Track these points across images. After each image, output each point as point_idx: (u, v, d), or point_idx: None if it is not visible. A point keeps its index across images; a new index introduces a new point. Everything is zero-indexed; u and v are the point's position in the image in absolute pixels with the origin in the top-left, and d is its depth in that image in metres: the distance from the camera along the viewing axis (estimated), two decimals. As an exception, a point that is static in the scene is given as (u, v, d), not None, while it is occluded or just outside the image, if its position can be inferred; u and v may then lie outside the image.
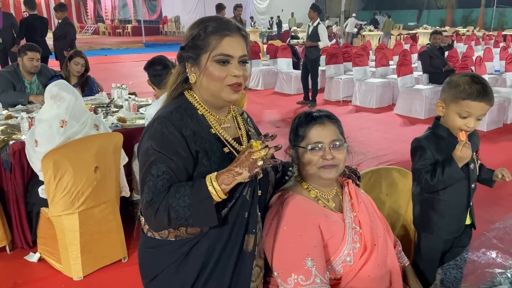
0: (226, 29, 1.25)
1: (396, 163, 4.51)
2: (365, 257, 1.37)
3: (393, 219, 1.95)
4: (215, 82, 1.25)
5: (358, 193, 1.49)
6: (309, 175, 1.39)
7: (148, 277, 1.35)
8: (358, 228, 1.40)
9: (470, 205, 1.78)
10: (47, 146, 2.34)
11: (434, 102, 6.77)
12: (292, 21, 22.59)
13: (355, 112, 7.19)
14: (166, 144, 1.18)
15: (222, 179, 1.14)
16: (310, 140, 1.36)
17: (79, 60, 4.00)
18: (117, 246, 2.70)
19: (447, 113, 1.67)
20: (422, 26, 21.00)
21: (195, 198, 1.13)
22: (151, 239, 1.32)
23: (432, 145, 1.70)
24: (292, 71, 8.86)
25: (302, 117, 1.42)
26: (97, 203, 2.54)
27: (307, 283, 1.24)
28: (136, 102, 3.69)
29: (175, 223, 1.15)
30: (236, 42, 1.26)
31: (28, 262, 2.70)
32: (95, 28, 27.38)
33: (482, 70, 6.66)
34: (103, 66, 11.86)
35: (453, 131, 1.68)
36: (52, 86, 2.46)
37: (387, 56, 8.41)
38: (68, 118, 2.40)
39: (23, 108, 3.57)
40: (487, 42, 13.44)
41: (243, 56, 1.26)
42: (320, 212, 1.36)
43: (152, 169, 1.17)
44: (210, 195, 1.14)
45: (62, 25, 7.15)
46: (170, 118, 1.22)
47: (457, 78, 1.66)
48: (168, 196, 1.15)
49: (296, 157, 1.41)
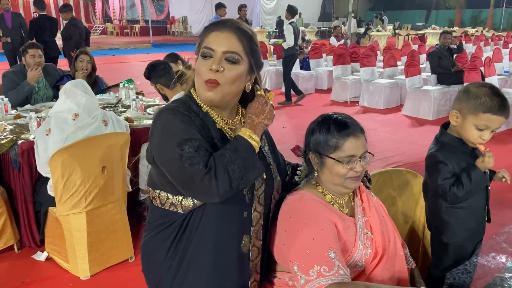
0: (218, 24, 1.24)
1: (404, 165, 4.48)
2: (375, 262, 1.36)
3: (401, 221, 1.94)
4: (198, 77, 1.23)
5: (369, 197, 1.48)
6: (332, 183, 1.37)
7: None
8: (370, 234, 1.39)
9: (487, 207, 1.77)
10: (59, 135, 2.40)
11: (442, 103, 6.73)
12: (300, 21, 22.53)
13: (363, 113, 7.16)
14: (185, 128, 1.15)
15: (258, 132, 1.21)
16: (344, 153, 1.31)
17: (84, 57, 4.00)
18: (124, 245, 2.71)
19: (463, 124, 1.62)
20: (430, 27, 20.89)
21: (242, 154, 1.15)
22: (158, 211, 1.31)
23: (450, 157, 1.66)
24: (299, 72, 8.84)
25: (332, 124, 1.34)
26: (104, 202, 2.55)
27: (330, 273, 1.21)
28: (144, 102, 3.69)
29: (236, 183, 1.12)
30: (224, 38, 1.21)
31: (35, 261, 2.72)
32: (103, 28, 27.53)
33: (491, 71, 6.60)
34: (111, 66, 11.92)
35: (467, 141, 1.65)
36: (67, 84, 2.58)
37: (395, 57, 8.36)
38: (81, 112, 2.47)
39: (32, 108, 3.59)
40: (496, 43, 13.30)
41: (228, 52, 1.20)
42: (337, 214, 1.35)
43: (184, 149, 1.11)
44: (254, 148, 1.18)
45: (67, 26, 7.21)
46: (177, 109, 1.20)
47: (475, 88, 1.59)
48: (218, 159, 1.12)
49: (320, 164, 1.37)
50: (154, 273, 1.36)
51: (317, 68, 9.27)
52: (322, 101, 8.09)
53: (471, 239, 1.75)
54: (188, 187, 1.16)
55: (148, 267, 1.39)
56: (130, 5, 28.86)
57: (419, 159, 4.82)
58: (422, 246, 1.96)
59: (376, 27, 19.21)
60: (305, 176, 1.52)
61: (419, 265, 1.72)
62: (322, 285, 1.19)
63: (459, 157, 1.66)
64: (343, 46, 10.25)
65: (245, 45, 1.23)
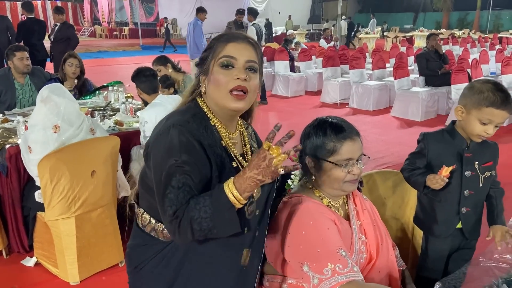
0: (233, 36, 1.23)
1: (393, 166, 4.52)
2: (369, 266, 1.38)
3: (390, 222, 1.96)
4: (219, 88, 1.20)
5: (362, 201, 1.49)
6: (330, 187, 1.37)
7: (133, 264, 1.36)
8: (364, 238, 1.41)
9: (463, 211, 1.76)
10: (42, 152, 2.31)
11: (430, 104, 6.81)
12: (289, 24, 22.61)
13: (352, 115, 7.20)
14: (185, 153, 1.13)
15: (244, 188, 1.08)
16: (342, 156, 1.31)
17: (72, 60, 3.97)
18: (114, 250, 2.69)
19: (467, 118, 1.66)
20: (418, 29, 21.09)
21: (215, 208, 1.09)
22: (145, 235, 1.32)
23: (433, 143, 1.75)
24: (289, 74, 8.87)
25: (328, 128, 1.34)
26: (94, 207, 2.53)
27: (345, 271, 1.21)
28: (133, 105, 3.68)
29: (199, 234, 1.11)
30: (242, 47, 1.22)
31: (24, 267, 2.69)
32: (92, 30, 27.33)
33: (478, 73, 6.69)
34: (100, 68, 11.83)
35: (472, 136, 1.69)
36: (44, 89, 2.43)
37: (383, 59, 8.44)
38: (61, 123, 2.36)
39: (19, 112, 3.55)
40: (483, 45, 13.48)
41: (250, 61, 1.21)
42: (336, 217, 1.36)
43: (172, 181, 1.12)
44: (231, 204, 1.09)
45: (64, 28, 7.14)
46: (187, 126, 1.17)
47: (480, 84, 1.64)
48: (188, 209, 1.10)
49: (318, 169, 1.36)
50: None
51: (307, 70, 9.31)
52: (312, 103, 8.12)
53: (439, 234, 1.79)
54: (161, 215, 1.17)
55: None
56: (119, 8, 28.71)
57: (408, 160, 4.86)
58: (411, 247, 1.98)
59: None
60: (299, 180, 1.52)
61: (409, 266, 1.74)
62: (340, 282, 1.19)
63: (441, 150, 1.74)
64: (333, 48, 10.30)
65: (258, 56, 1.26)
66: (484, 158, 1.73)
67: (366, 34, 18.94)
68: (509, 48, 12.10)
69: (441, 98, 7.03)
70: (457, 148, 1.72)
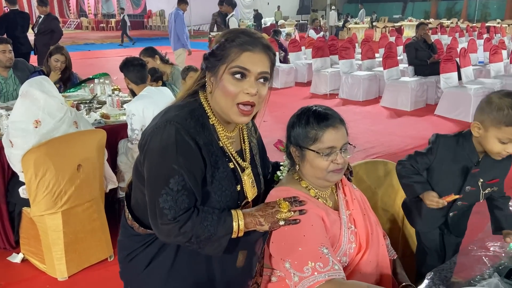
0: (250, 44, 1.16)
1: (383, 156, 4.53)
2: (359, 256, 1.36)
3: (380, 212, 1.95)
4: (226, 97, 1.16)
5: (352, 190, 1.47)
6: (314, 177, 1.35)
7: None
8: (353, 228, 1.39)
9: (451, 215, 1.75)
10: (23, 147, 2.26)
11: (419, 94, 6.84)
12: (278, 15, 22.50)
13: (342, 105, 7.20)
14: (182, 154, 1.12)
15: (246, 222, 1.18)
16: (324, 145, 1.29)
17: (59, 57, 3.89)
18: (103, 245, 2.66)
19: (485, 136, 1.54)
20: (407, 19, 21.11)
21: (218, 231, 1.15)
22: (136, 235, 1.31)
23: (443, 148, 1.64)
24: (279, 65, 8.82)
25: (311, 116, 1.32)
26: (80, 201, 2.49)
27: (325, 269, 1.20)
28: (120, 97, 3.62)
29: (189, 244, 1.16)
30: (258, 59, 1.16)
31: (11, 263, 2.64)
32: (78, 22, 26.91)
33: (467, 62, 6.72)
34: (87, 61, 11.68)
35: (491, 154, 1.57)
36: (25, 84, 2.38)
37: (373, 49, 8.44)
38: (42, 116, 2.30)
39: (3, 105, 3.47)
40: (471, 34, 13.53)
41: (263, 73, 1.17)
42: (323, 209, 1.34)
43: (169, 182, 1.11)
44: (231, 232, 1.17)
45: (48, 20, 7.00)
46: (184, 124, 1.15)
47: (498, 99, 1.50)
48: (195, 221, 1.13)
49: (301, 158, 1.34)
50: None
51: (297, 61, 9.26)
52: (302, 95, 8.10)
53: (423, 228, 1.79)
54: (150, 212, 1.17)
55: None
56: (106, -1, 28.31)
57: (398, 149, 4.88)
58: (402, 236, 1.98)
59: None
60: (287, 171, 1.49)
61: (400, 255, 1.73)
62: (319, 281, 1.18)
63: (449, 159, 1.64)
64: (322, 39, 10.27)
65: (272, 64, 1.21)
66: (492, 175, 1.66)
67: (356, 24, 18.90)
68: (496, 37, 12.15)
69: (430, 88, 7.05)
70: (466, 161, 1.62)
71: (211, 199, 1.19)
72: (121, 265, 1.39)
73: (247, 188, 1.29)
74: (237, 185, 1.25)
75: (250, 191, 1.30)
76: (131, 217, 1.31)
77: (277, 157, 1.58)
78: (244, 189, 1.28)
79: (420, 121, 6.18)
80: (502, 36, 12.82)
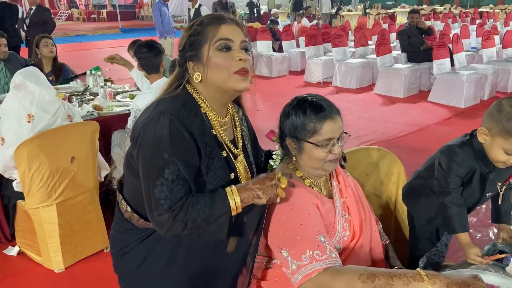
0: (220, 18, 1.21)
1: (376, 143, 4.55)
2: (353, 243, 1.38)
3: (373, 198, 1.96)
4: (221, 71, 1.18)
5: (345, 178, 1.48)
6: (311, 167, 1.35)
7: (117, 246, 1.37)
8: (347, 215, 1.40)
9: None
10: (16, 144, 2.22)
11: (412, 80, 6.85)
12: (271, 3, 22.31)
13: (336, 93, 7.20)
14: (176, 144, 1.12)
15: (243, 197, 1.16)
16: (323, 137, 1.28)
17: (46, 40, 3.85)
18: (98, 236, 2.67)
19: (491, 144, 1.49)
20: (400, 5, 21.02)
21: (214, 211, 1.13)
22: (130, 226, 1.32)
23: (466, 159, 1.56)
24: (272, 54, 8.79)
25: (308, 108, 1.30)
26: (75, 193, 2.49)
27: (323, 258, 1.20)
28: (112, 89, 3.60)
29: (188, 232, 1.14)
30: (234, 29, 1.21)
31: (7, 256, 2.65)
32: (69, 14, 26.53)
33: (459, 48, 6.72)
34: (79, 53, 11.55)
35: (494, 162, 1.53)
36: (17, 74, 2.32)
37: (366, 36, 8.42)
38: (35, 111, 2.26)
39: (-6, 99, 3.45)
40: (463, 20, 13.51)
41: (243, 41, 1.21)
42: (318, 198, 1.35)
43: (164, 172, 1.11)
44: (229, 210, 1.15)
45: (40, 11, 6.91)
46: (178, 115, 1.14)
47: (509, 108, 1.43)
48: (187, 205, 1.12)
49: (298, 150, 1.34)
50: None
51: (290, 50, 9.23)
52: (296, 83, 8.09)
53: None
54: (147, 205, 1.16)
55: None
56: (96, -10, 27.89)
57: (391, 136, 4.90)
58: (394, 222, 2.00)
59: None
60: (280, 161, 1.50)
61: (392, 240, 1.75)
62: (317, 270, 1.19)
63: (475, 168, 1.59)
64: (315, 26, 10.22)
65: (245, 33, 1.24)
66: (506, 175, 1.63)
67: (349, 12, 18.80)
68: (489, 22, 12.14)
69: (423, 74, 7.07)
70: (481, 168, 1.58)
71: (206, 189, 1.20)
72: (114, 258, 1.40)
73: (241, 176, 1.30)
74: (231, 173, 1.26)
75: (244, 178, 1.30)
76: (130, 209, 1.30)
77: (271, 146, 1.59)
78: (239, 177, 1.29)
79: (414, 108, 6.21)
80: (495, 21, 12.83)
